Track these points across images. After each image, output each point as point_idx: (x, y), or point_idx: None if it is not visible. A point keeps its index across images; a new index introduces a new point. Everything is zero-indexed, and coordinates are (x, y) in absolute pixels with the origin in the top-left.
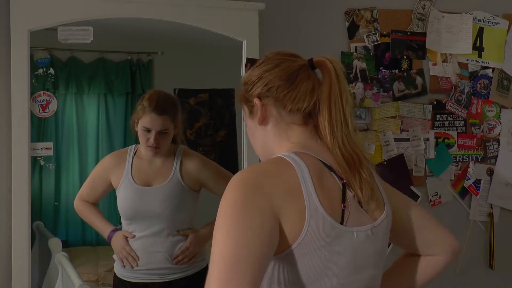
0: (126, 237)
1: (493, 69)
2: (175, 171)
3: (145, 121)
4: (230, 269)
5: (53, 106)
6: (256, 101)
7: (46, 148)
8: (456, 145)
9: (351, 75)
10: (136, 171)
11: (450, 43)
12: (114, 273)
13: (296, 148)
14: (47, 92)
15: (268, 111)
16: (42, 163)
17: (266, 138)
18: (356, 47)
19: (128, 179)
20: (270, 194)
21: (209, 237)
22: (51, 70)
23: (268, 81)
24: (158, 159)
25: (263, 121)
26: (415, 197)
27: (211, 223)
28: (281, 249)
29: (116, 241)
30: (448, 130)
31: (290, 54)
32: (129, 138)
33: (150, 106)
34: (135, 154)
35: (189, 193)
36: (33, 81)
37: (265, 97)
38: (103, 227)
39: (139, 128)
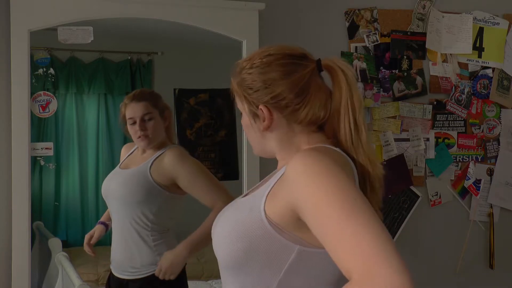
0: (91, 235)
1: (493, 69)
2: (148, 161)
3: (128, 113)
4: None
5: (53, 106)
6: (263, 110)
7: (46, 148)
8: (456, 145)
9: None
10: (129, 158)
11: (450, 43)
12: None
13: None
14: (47, 92)
15: (276, 122)
16: (42, 163)
17: (265, 141)
18: (356, 47)
19: (119, 164)
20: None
21: (185, 254)
22: (51, 70)
23: (277, 94)
24: (149, 151)
25: (267, 129)
26: (415, 197)
27: (186, 241)
28: None
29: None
30: (448, 130)
31: (298, 56)
32: (129, 138)
33: (129, 98)
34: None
35: (153, 188)
36: (33, 81)
37: (274, 108)
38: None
39: (127, 125)
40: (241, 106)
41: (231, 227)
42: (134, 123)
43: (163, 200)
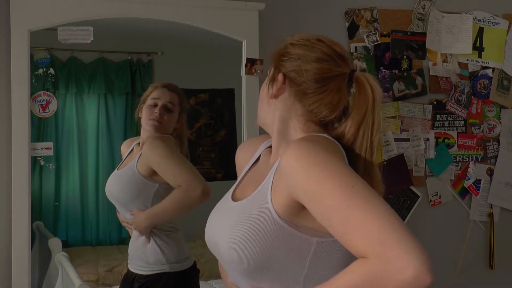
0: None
1: (493, 69)
2: (137, 156)
3: (155, 94)
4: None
5: (53, 106)
6: (280, 77)
7: (46, 148)
8: (456, 145)
9: None
10: (128, 158)
11: (450, 43)
12: None
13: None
14: (47, 92)
15: (284, 93)
16: (42, 163)
17: (269, 110)
18: (356, 47)
19: (118, 165)
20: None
21: (146, 225)
22: (51, 70)
23: (300, 69)
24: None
25: (274, 97)
26: (415, 197)
27: (148, 214)
28: None
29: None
30: (448, 130)
31: (340, 55)
32: (129, 138)
33: (162, 84)
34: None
35: (141, 181)
36: (33, 81)
37: (289, 80)
38: None
39: (146, 105)
40: (270, 69)
41: (243, 233)
42: (155, 105)
43: (154, 194)
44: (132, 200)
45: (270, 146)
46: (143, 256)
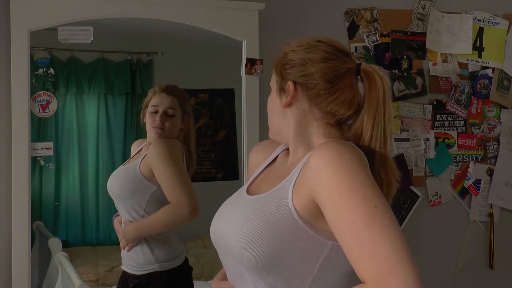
0: (120, 222)
1: (493, 69)
2: (142, 155)
3: (154, 101)
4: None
5: (53, 106)
6: (290, 85)
7: (46, 148)
8: (456, 145)
9: None
10: (135, 156)
11: (450, 43)
12: None
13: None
14: (47, 92)
15: (299, 101)
16: (42, 163)
17: (284, 120)
18: (356, 47)
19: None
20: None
21: (132, 237)
22: (51, 70)
23: (309, 73)
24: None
25: (288, 106)
26: (415, 197)
27: (137, 226)
28: None
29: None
30: (448, 130)
31: (343, 52)
32: (129, 138)
33: (160, 88)
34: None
35: (140, 180)
36: (33, 81)
37: (300, 86)
38: None
39: (147, 112)
40: (273, 81)
41: (258, 227)
42: (156, 112)
43: (151, 195)
44: (128, 197)
45: (288, 148)
46: (134, 256)
